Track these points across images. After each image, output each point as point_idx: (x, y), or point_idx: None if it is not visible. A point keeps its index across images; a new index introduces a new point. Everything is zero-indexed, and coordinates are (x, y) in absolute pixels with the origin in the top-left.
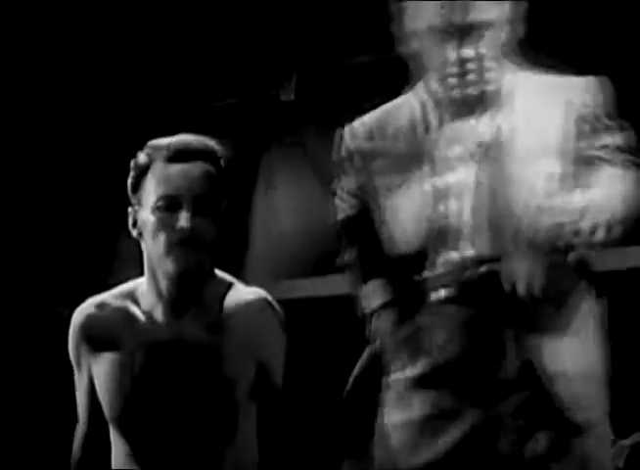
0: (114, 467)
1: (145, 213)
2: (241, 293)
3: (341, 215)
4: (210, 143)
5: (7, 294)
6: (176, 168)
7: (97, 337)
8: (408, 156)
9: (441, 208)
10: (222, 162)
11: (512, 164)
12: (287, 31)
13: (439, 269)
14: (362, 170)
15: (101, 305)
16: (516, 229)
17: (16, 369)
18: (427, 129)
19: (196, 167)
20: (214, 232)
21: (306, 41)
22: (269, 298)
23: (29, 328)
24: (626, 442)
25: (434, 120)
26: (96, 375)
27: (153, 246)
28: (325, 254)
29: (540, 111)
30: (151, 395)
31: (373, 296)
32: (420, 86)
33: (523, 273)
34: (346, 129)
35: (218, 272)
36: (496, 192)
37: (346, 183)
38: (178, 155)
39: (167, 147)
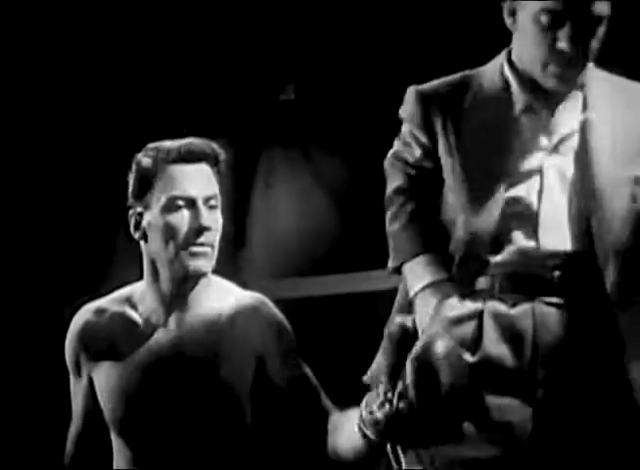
0: None
1: (152, 216)
2: (238, 296)
3: (394, 184)
4: (213, 145)
5: (8, 294)
6: (185, 170)
7: (96, 343)
8: (491, 134)
9: (520, 194)
10: (223, 164)
11: (597, 161)
12: (287, 31)
13: (507, 256)
14: (434, 139)
15: (99, 311)
16: (602, 228)
17: (16, 369)
18: (511, 110)
19: (202, 169)
20: (220, 234)
21: (307, 41)
22: (266, 300)
23: (30, 328)
24: None
25: (518, 103)
26: (97, 381)
27: (162, 248)
28: (324, 253)
29: (624, 113)
30: (152, 399)
31: (419, 272)
32: (502, 61)
33: (611, 274)
34: (415, 93)
35: (216, 277)
36: (579, 188)
37: (408, 152)
38: (185, 157)
39: (175, 149)
